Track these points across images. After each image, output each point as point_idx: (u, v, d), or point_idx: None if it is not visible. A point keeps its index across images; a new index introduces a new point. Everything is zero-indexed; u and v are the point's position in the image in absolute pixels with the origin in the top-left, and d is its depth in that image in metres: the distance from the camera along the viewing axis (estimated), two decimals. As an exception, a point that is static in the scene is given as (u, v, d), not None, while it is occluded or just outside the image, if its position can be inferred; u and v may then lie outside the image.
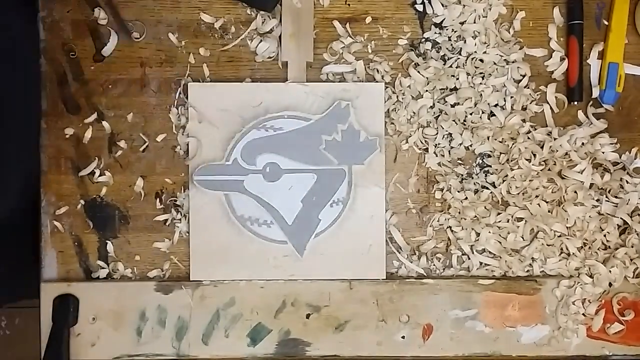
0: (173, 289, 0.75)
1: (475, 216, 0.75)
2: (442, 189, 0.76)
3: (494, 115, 0.76)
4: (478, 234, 0.75)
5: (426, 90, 0.76)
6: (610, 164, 0.76)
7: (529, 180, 0.75)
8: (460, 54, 0.77)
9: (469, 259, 0.76)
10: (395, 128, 0.76)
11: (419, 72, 0.76)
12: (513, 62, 0.76)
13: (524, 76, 0.77)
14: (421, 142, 0.77)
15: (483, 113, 0.76)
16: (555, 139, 0.76)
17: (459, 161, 0.77)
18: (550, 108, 0.77)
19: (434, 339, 0.75)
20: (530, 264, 0.76)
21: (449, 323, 0.75)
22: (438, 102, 0.76)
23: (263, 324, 0.75)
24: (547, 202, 0.75)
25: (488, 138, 0.76)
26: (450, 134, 0.76)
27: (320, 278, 0.75)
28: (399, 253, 0.76)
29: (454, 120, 0.76)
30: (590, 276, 0.75)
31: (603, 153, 0.76)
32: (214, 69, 0.77)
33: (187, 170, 0.75)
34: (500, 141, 0.76)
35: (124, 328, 0.75)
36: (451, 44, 0.77)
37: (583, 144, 0.76)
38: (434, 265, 0.76)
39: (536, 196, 0.75)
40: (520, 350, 0.75)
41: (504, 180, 0.76)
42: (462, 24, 0.76)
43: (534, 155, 0.75)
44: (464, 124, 0.76)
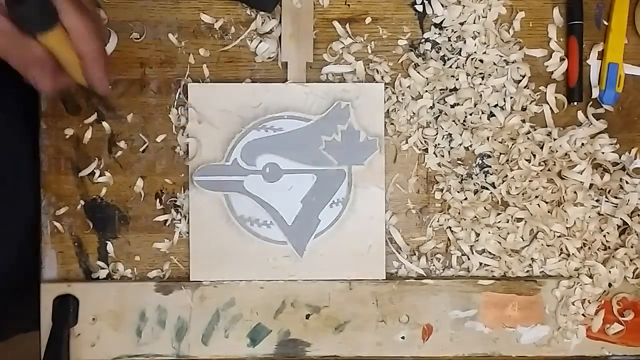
0: (173, 290, 0.75)
1: (475, 216, 0.75)
2: (442, 190, 0.76)
3: (494, 115, 0.76)
4: (478, 235, 0.75)
5: (426, 91, 0.76)
6: (610, 165, 0.76)
7: (529, 181, 0.75)
8: (460, 55, 0.77)
9: (469, 259, 0.76)
10: (395, 128, 0.76)
11: (418, 73, 0.76)
12: (513, 63, 0.76)
13: (523, 76, 0.77)
14: (421, 143, 0.77)
15: (483, 113, 0.76)
16: (555, 140, 0.76)
17: (459, 162, 0.77)
18: (550, 108, 0.77)
19: (433, 340, 0.75)
20: (530, 265, 0.76)
21: (448, 323, 0.75)
22: (438, 103, 0.76)
23: (263, 325, 0.75)
24: (547, 203, 0.75)
25: (488, 138, 0.76)
26: (450, 135, 0.76)
27: (320, 278, 0.75)
28: (399, 253, 0.76)
29: (453, 121, 0.76)
30: (590, 277, 0.75)
31: (603, 153, 0.76)
32: (213, 69, 0.77)
33: (187, 171, 0.75)
34: (500, 141, 0.76)
35: (124, 328, 0.75)
36: (451, 45, 0.77)
37: (583, 144, 0.76)
38: (433, 265, 0.76)
39: (536, 196, 0.75)
40: (520, 351, 0.75)
41: (503, 181, 0.76)
42: (462, 24, 0.76)
43: (534, 155, 0.75)
44: (464, 125, 0.76)
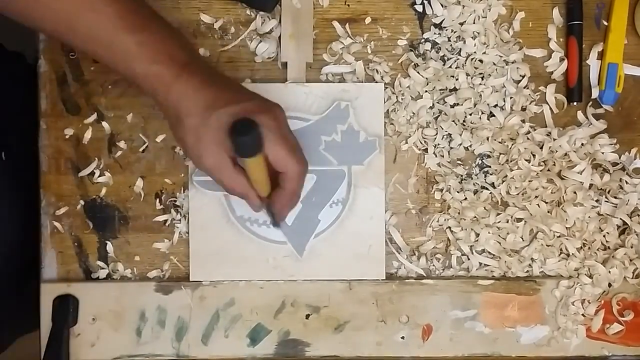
0: (173, 290, 0.75)
1: (475, 217, 0.75)
2: (442, 190, 0.76)
3: (494, 115, 0.76)
4: (477, 235, 0.75)
5: (426, 91, 0.76)
6: (610, 165, 0.76)
7: (529, 181, 0.75)
8: (459, 55, 0.77)
9: (469, 259, 0.76)
10: (395, 128, 0.76)
11: (418, 73, 0.76)
12: (512, 63, 0.76)
13: (523, 77, 0.77)
14: (421, 143, 0.77)
15: (482, 113, 0.76)
16: (554, 140, 0.76)
17: (459, 162, 0.77)
18: (550, 108, 0.77)
19: (433, 340, 0.75)
20: (529, 265, 0.76)
21: (448, 323, 0.75)
22: (437, 103, 0.76)
23: (263, 325, 0.75)
24: (547, 203, 0.75)
25: (487, 138, 0.76)
26: (449, 135, 0.76)
27: (320, 278, 0.75)
28: (399, 253, 0.76)
29: (453, 121, 0.76)
30: (590, 277, 0.75)
31: (602, 153, 0.76)
32: (213, 69, 0.77)
33: (187, 171, 0.75)
34: (499, 142, 0.76)
35: (124, 328, 0.75)
36: (451, 45, 0.77)
37: (582, 144, 0.76)
38: (433, 265, 0.76)
39: (535, 197, 0.75)
40: (520, 351, 0.75)
41: (503, 181, 0.76)
42: (462, 24, 0.76)
43: (534, 155, 0.75)
44: (464, 125, 0.76)
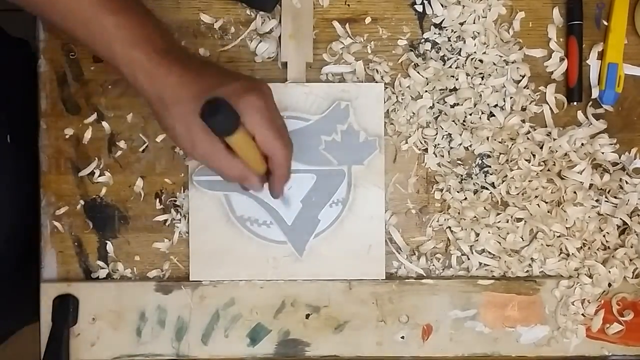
0: (173, 289, 0.75)
1: (475, 216, 0.75)
2: (442, 190, 0.76)
3: (494, 115, 0.76)
4: (477, 235, 0.75)
5: (426, 91, 0.76)
6: (610, 165, 0.76)
7: (529, 181, 0.75)
8: (459, 55, 0.77)
9: (469, 259, 0.76)
10: (395, 128, 0.76)
11: (418, 73, 0.76)
12: (512, 63, 0.76)
13: (523, 77, 0.77)
14: (421, 143, 0.77)
15: (482, 113, 0.76)
16: (554, 140, 0.76)
17: (459, 161, 0.77)
18: (550, 108, 0.77)
19: (433, 340, 0.75)
20: (529, 265, 0.76)
21: (448, 323, 0.75)
22: (437, 103, 0.76)
23: (262, 324, 0.75)
24: (547, 203, 0.75)
25: (487, 138, 0.76)
26: (449, 135, 0.76)
27: (320, 278, 0.75)
28: (399, 253, 0.76)
29: (453, 121, 0.76)
30: (590, 276, 0.75)
31: (603, 153, 0.76)
32: (213, 69, 0.77)
33: (187, 171, 0.75)
34: (499, 142, 0.76)
35: (124, 328, 0.75)
36: (451, 45, 0.77)
37: (582, 144, 0.76)
38: (433, 265, 0.76)
39: (535, 196, 0.75)
40: (520, 351, 0.75)
41: (503, 181, 0.76)
42: (462, 24, 0.76)
43: (534, 155, 0.75)
44: (464, 125, 0.76)
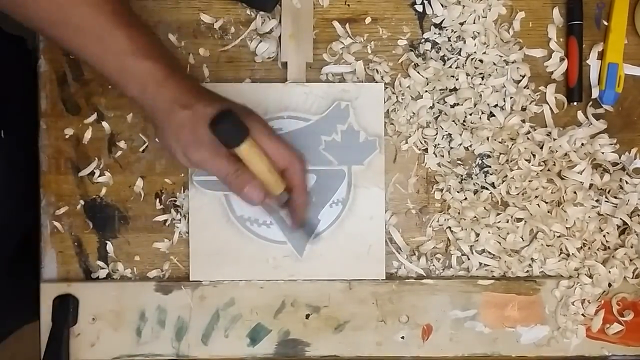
0: (173, 289, 0.75)
1: (475, 216, 0.75)
2: (442, 190, 0.76)
3: (494, 115, 0.76)
4: (477, 235, 0.75)
5: (426, 91, 0.76)
6: (610, 165, 0.76)
7: (529, 181, 0.75)
8: (459, 55, 0.77)
9: (469, 259, 0.76)
10: (395, 128, 0.76)
11: (418, 73, 0.76)
12: (513, 63, 0.76)
13: (523, 76, 0.77)
14: (421, 143, 0.77)
15: (483, 113, 0.76)
16: (554, 140, 0.76)
17: (459, 162, 0.77)
18: (550, 108, 0.77)
19: (433, 340, 0.75)
20: (529, 265, 0.76)
21: (448, 323, 0.75)
22: (438, 103, 0.76)
23: (262, 324, 0.75)
24: (547, 203, 0.75)
25: (487, 138, 0.76)
26: (449, 135, 0.76)
27: (320, 278, 0.75)
28: (399, 253, 0.76)
29: (453, 121, 0.76)
30: (590, 277, 0.75)
31: (603, 153, 0.76)
32: (213, 69, 0.77)
33: (187, 171, 0.75)
34: (499, 142, 0.76)
35: (124, 328, 0.75)
36: (451, 45, 0.77)
37: (583, 144, 0.76)
38: (433, 265, 0.76)
39: (536, 196, 0.75)
40: (520, 351, 0.75)
41: (503, 181, 0.76)
42: (462, 24, 0.76)
43: (534, 155, 0.75)
44: (464, 125, 0.76)
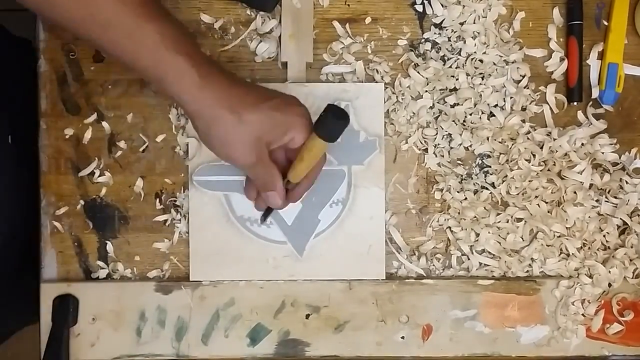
0: (173, 289, 0.75)
1: (475, 216, 0.75)
2: (442, 190, 0.76)
3: (494, 115, 0.76)
4: (477, 235, 0.75)
5: (426, 91, 0.76)
6: (610, 165, 0.76)
7: (529, 181, 0.75)
8: (459, 55, 0.77)
9: (469, 259, 0.76)
10: (395, 128, 0.76)
11: (418, 73, 0.76)
12: (513, 63, 0.76)
13: (523, 76, 0.77)
14: (421, 143, 0.77)
15: (483, 113, 0.76)
16: (554, 140, 0.76)
17: (459, 162, 0.77)
18: (550, 108, 0.77)
19: (433, 340, 0.75)
20: (529, 265, 0.76)
21: (448, 323, 0.75)
22: (438, 103, 0.76)
23: (262, 324, 0.75)
24: (547, 203, 0.75)
25: (488, 138, 0.76)
26: (449, 135, 0.76)
27: (320, 278, 0.75)
28: (399, 253, 0.76)
29: (453, 121, 0.76)
30: (590, 277, 0.75)
31: (603, 153, 0.76)
32: (213, 69, 0.77)
33: (187, 171, 0.75)
34: (499, 142, 0.76)
35: (124, 328, 0.75)
36: (451, 45, 0.77)
37: (583, 144, 0.76)
38: (433, 265, 0.76)
39: (536, 196, 0.75)
40: (520, 351, 0.75)
41: (503, 181, 0.76)
42: (462, 24, 0.76)
43: (534, 155, 0.75)
44: (464, 125, 0.76)
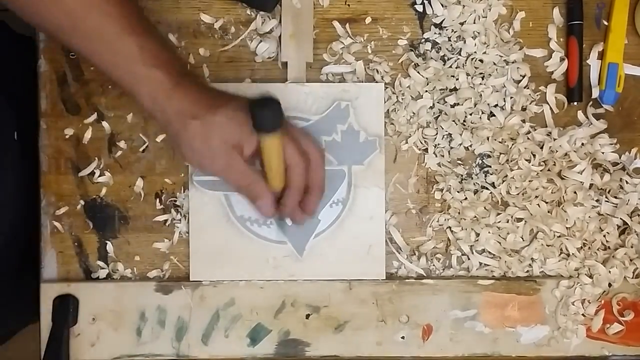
0: (173, 289, 0.75)
1: (475, 216, 0.75)
2: (442, 190, 0.76)
3: (494, 115, 0.76)
4: (478, 235, 0.75)
5: (426, 91, 0.76)
6: (610, 165, 0.76)
7: (529, 181, 0.75)
8: (460, 55, 0.77)
9: (469, 259, 0.76)
10: (395, 128, 0.76)
11: (418, 73, 0.76)
12: (513, 63, 0.76)
13: (523, 76, 0.77)
14: (421, 143, 0.77)
15: (483, 113, 0.76)
16: (555, 140, 0.76)
17: (459, 161, 0.77)
18: (550, 108, 0.77)
19: (433, 340, 0.75)
20: (529, 265, 0.76)
21: (448, 323, 0.75)
22: (438, 103, 0.76)
23: (263, 325, 0.75)
24: (547, 203, 0.75)
25: (488, 138, 0.76)
26: (450, 135, 0.76)
27: (320, 278, 0.75)
28: (399, 253, 0.76)
29: (453, 121, 0.76)
30: (590, 276, 0.75)
31: (603, 153, 0.76)
32: (213, 69, 0.77)
33: (187, 171, 0.75)
34: (500, 141, 0.76)
35: (124, 328, 0.75)
36: (451, 45, 0.77)
37: (583, 144, 0.76)
38: (433, 265, 0.76)
39: (536, 196, 0.75)
40: (520, 351, 0.75)
41: (503, 181, 0.76)
42: (462, 24, 0.76)
43: (534, 155, 0.75)
44: (464, 125, 0.76)
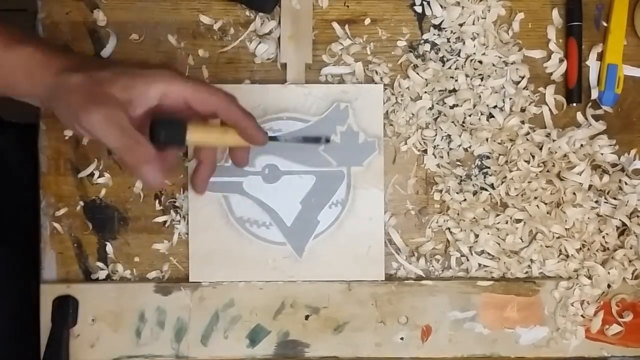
0: (172, 290, 0.75)
1: (474, 217, 0.75)
2: (441, 191, 0.76)
3: (493, 116, 0.76)
4: (477, 236, 0.75)
5: (425, 92, 0.76)
6: (609, 166, 0.76)
7: (528, 182, 0.75)
8: (459, 56, 0.77)
9: (468, 260, 0.76)
10: (394, 129, 0.76)
11: (417, 74, 0.76)
12: (512, 64, 0.76)
13: (522, 78, 0.77)
14: (420, 144, 0.77)
15: (482, 114, 0.76)
16: (554, 141, 0.75)
17: (458, 163, 0.77)
18: (549, 109, 0.77)
19: (432, 341, 0.75)
20: (529, 266, 0.76)
21: (447, 324, 0.75)
22: (437, 104, 0.76)
23: (262, 325, 0.75)
24: (546, 204, 0.75)
25: (487, 139, 0.76)
26: (449, 136, 0.76)
27: (319, 279, 0.75)
28: (398, 254, 0.76)
29: (452, 122, 0.76)
30: (589, 278, 0.75)
31: (602, 154, 0.76)
32: (213, 70, 0.77)
33: (186, 172, 0.75)
34: (499, 143, 0.76)
35: (124, 329, 0.75)
36: (450, 46, 0.77)
37: (582, 145, 0.76)
38: (432, 266, 0.76)
39: (535, 198, 0.75)
40: (519, 352, 0.75)
41: (502, 182, 0.76)
42: (461, 25, 0.76)
43: (533, 156, 0.75)
44: (463, 126, 0.76)
